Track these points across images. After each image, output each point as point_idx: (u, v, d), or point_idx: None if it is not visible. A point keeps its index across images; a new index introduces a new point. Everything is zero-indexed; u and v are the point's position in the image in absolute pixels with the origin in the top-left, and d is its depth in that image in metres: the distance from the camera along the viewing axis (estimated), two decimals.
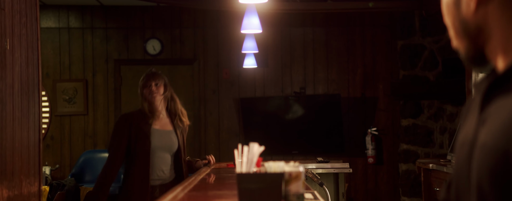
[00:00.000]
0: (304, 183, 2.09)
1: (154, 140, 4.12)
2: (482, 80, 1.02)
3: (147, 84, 4.24)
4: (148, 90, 4.21)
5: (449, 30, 1.07)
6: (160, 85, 4.25)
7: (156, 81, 4.24)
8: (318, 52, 7.77)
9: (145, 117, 4.15)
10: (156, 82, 4.24)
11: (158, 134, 4.16)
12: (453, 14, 1.04)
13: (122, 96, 7.58)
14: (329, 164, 4.87)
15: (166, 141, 4.17)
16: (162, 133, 4.18)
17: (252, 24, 3.56)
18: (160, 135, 4.17)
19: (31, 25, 3.10)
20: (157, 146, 4.12)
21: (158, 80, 4.25)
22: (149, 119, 4.14)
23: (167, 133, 4.20)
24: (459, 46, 1.06)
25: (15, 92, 2.87)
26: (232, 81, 7.69)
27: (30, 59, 3.08)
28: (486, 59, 1.02)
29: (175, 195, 2.44)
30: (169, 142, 4.18)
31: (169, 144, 4.19)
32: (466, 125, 1.04)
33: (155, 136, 4.14)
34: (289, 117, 7.54)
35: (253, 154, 2.11)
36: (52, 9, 7.55)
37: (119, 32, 7.66)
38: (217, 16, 7.60)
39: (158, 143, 4.13)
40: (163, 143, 4.15)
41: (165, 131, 4.20)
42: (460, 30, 1.03)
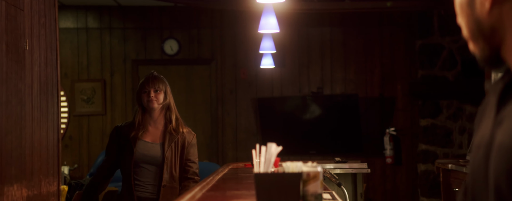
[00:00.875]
0: (322, 183, 2.08)
1: (138, 152, 3.83)
2: (497, 82, 1.01)
3: (146, 89, 3.88)
4: (146, 96, 3.87)
5: (463, 31, 1.05)
6: (160, 92, 3.89)
7: (156, 87, 3.88)
8: (336, 52, 7.74)
9: (136, 128, 3.86)
10: (156, 88, 3.88)
11: (144, 146, 3.86)
12: (467, 14, 1.03)
13: None
14: (347, 164, 4.85)
15: (151, 153, 3.85)
16: (148, 145, 3.87)
17: (270, 24, 3.55)
18: (146, 147, 3.86)
19: (50, 25, 3.12)
20: (140, 158, 3.83)
21: (159, 86, 3.89)
22: (139, 131, 3.84)
23: (154, 146, 3.87)
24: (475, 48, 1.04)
25: (34, 93, 2.88)
26: (249, 81, 7.69)
27: (49, 59, 3.10)
28: (502, 60, 1.00)
29: (193, 195, 2.44)
30: (153, 155, 3.85)
31: (151, 156, 3.84)
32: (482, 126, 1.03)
33: (140, 148, 3.85)
34: (306, 117, 7.53)
35: (271, 154, 2.10)
36: (70, 9, 7.60)
37: (136, 33, 7.69)
38: (235, 16, 7.60)
39: (140, 155, 3.83)
40: (146, 156, 3.85)
41: (152, 143, 3.88)
42: (474, 30, 1.02)
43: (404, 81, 7.68)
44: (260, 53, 5.27)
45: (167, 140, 3.84)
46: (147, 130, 3.88)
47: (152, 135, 3.88)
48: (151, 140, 3.87)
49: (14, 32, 2.65)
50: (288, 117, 7.54)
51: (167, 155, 3.81)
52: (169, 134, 3.85)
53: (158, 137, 3.89)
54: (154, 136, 3.88)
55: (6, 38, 2.55)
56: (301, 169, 2.06)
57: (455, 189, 4.92)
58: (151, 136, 3.88)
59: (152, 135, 3.88)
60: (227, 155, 7.68)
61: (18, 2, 2.69)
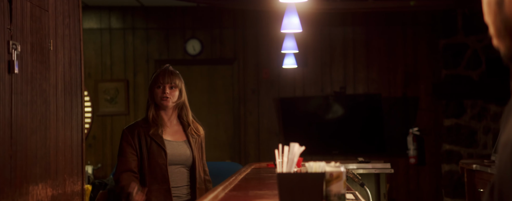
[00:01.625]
0: (345, 183, 2.07)
1: (168, 151, 3.50)
2: None
3: (160, 83, 3.56)
4: (160, 91, 3.55)
5: (490, 29, 1.05)
6: (175, 89, 3.58)
7: (172, 83, 3.56)
8: (358, 51, 7.71)
9: (153, 126, 3.53)
10: (172, 83, 3.56)
11: (170, 145, 3.54)
12: (495, 12, 1.02)
13: None
14: (370, 164, 4.83)
15: (180, 152, 3.54)
16: (174, 144, 3.56)
17: (292, 24, 3.55)
18: (173, 146, 3.55)
19: (74, 26, 3.14)
20: (172, 159, 3.51)
21: (175, 82, 3.57)
22: (158, 128, 3.51)
23: (180, 144, 3.58)
24: (500, 45, 1.04)
25: (59, 93, 2.91)
26: (272, 81, 7.69)
27: (73, 59, 3.12)
28: None
29: (215, 194, 2.45)
30: (183, 154, 3.55)
31: (184, 156, 3.55)
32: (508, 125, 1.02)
33: (169, 148, 3.52)
34: (329, 117, 7.51)
35: (293, 154, 2.09)
36: (94, 10, 7.65)
37: (159, 33, 7.72)
38: (257, 16, 7.60)
39: (172, 155, 3.51)
40: (177, 156, 3.53)
41: (178, 142, 3.58)
42: (502, 29, 1.01)
43: (428, 81, 7.63)
44: (282, 53, 5.27)
45: (190, 138, 3.58)
46: (164, 127, 3.57)
47: (172, 133, 3.59)
48: (172, 138, 3.57)
49: (39, 32, 2.67)
50: (310, 116, 7.52)
51: (195, 154, 3.57)
52: (190, 135, 3.59)
53: (178, 135, 3.59)
54: (174, 134, 3.58)
55: (31, 38, 2.57)
56: (324, 169, 2.05)
57: (480, 189, 4.87)
58: (171, 134, 3.58)
59: (172, 133, 3.59)
60: (249, 155, 7.68)
61: (43, 3, 2.72)
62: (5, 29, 2.32)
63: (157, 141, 3.49)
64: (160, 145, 3.48)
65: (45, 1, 2.74)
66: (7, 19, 2.34)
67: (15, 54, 2.37)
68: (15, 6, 2.40)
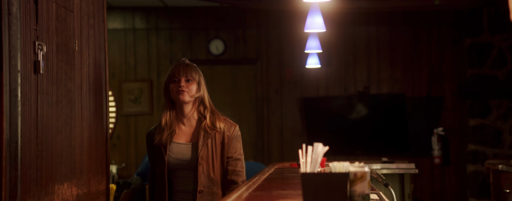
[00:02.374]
0: (369, 184, 2.06)
1: (170, 156, 3.22)
2: None
3: (175, 77, 3.23)
4: (175, 86, 3.22)
5: None
6: (193, 82, 3.23)
7: (189, 76, 3.22)
8: (382, 51, 7.67)
9: (164, 129, 3.24)
10: (188, 77, 3.23)
11: (178, 149, 3.24)
12: None
13: None
14: (394, 165, 4.80)
15: (184, 156, 3.22)
16: (183, 147, 3.25)
17: (316, 24, 3.54)
18: (180, 150, 3.24)
19: (99, 26, 3.16)
20: (175, 163, 3.22)
21: (192, 75, 3.22)
22: (169, 131, 3.22)
23: (189, 146, 3.24)
24: None
25: (84, 93, 2.93)
26: (295, 81, 7.68)
27: (97, 60, 3.14)
28: None
29: (239, 194, 2.45)
30: (187, 157, 3.22)
31: (187, 159, 3.22)
32: None
33: (173, 152, 3.23)
34: (352, 117, 7.48)
35: (317, 154, 2.09)
36: (118, 10, 7.70)
37: (183, 33, 7.75)
38: (280, 15, 7.60)
39: (173, 160, 3.22)
40: (180, 159, 3.23)
41: (186, 144, 3.25)
42: None
43: (453, 81, 7.57)
44: (305, 52, 5.25)
45: (201, 137, 3.21)
46: (179, 129, 3.26)
47: (186, 135, 3.26)
48: (185, 141, 3.26)
49: (64, 33, 2.69)
50: (334, 116, 7.50)
51: (202, 154, 3.18)
52: (203, 131, 3.21)
53: (192, 135, 3.26)
54: (188, 136, 3.26)
55: (57, 39, 2.60)
56: (348, 169, 2.04)
57: (505, 190, 4.81)
58: (185, 135, 3.26)
59: (186, 135, 3.26)
60: (272, 155, 7.68)
61: (68, 3, 2.74)
62: (31, 30, 2.34)
63: (162, 147, 3.21)
64: (162, 151, 3.21)
65: (70, 2, 2.76)
66: (33, 20, 2.36)
67: (41, 55, 2.39)
68: (41, 7, 2.43)
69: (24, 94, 2.25)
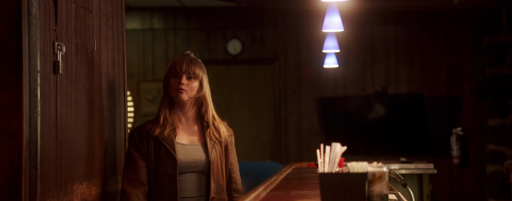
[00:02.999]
0: (388, 184, 2.05)
1: (179, 157, 2.90)
2: None
3: (176, 72, 2.93)
4: (175, 82, 2.93)
5: None
6: (195, 80, 2.94)
7: (191, 73, 2.93)
8: (400, 50, 7.64)
9: (164, 125, 2.93)
10: (191, 74, 2.93)
11: (183, 150, 2.94)
12: None
13: None
14: (412, 165, 4.78)
15: (194, 157, 2.93)
16: (189, 148, 2.95)
17: (334, 23, 3.53)
18: (187, 151, 2.94)
19: (117, 27, 3.18)
20: (184, 166, 2.91)
21: (195, 72, 2.93)
22: (169, 129, 2.91)
23: (195, 148, 2.96)
24: None
25: (102, 93, 2.95)
26: (312, 81, 7.67)
27: (116, 60, 3.16)
28: None
29: (257, 194, 2.45)
30: (197, 159, 2.93)
31: (199, 162, 2.94)
32: None
33: (181, 153, 2.92)
34: (370, 117, 7.46)
35: (335, 154, 2.08)
36: (136, 11, 7.74)
37: (200, 33, 7.77)
38: (298, 15, 7.59)
39: (184, 162, 2.91)
40: (191, 162, 2.93)
41: (193, 146, 2.96)
42: None
43: (472, 80, 7.52)
44: (323, 52, 5.24)
45: (208, 140, 2.95)
46: (178, 128, 2.96)
47: (187, 134, 2.98)
48: (188, 141, 2.96)
49: (83, 33, 2.71)
50: (351, 116, 7.48)
51: (213, 159, 2.93)
52: (208, 135, 2.96)
53: (195, 136, 2.98)
54: (189, 136, 2.98)
55: (76, 39, 2.61)
56: (366, 169, 2.04)
57: None
58: (186, 135, 2.98)
59: (187, 134, 2.98)
60: (290, 155, 7.68)
61: (87, 4, 2.76)
62: (51, 30, 2.36)
63: (167, 145, 2.89)
64: (170, 150, 2.88)
65: (89, 2, 2.78)
66: (53, 21, 2.38)
67: (60, 55, 2.41)
68: (60, 7, 2.44)
69: (43, 95, 2.26)
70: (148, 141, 2.90)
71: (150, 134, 2.90)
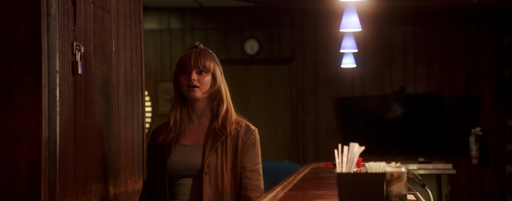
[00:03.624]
0: (406, 184, 2.04)
1: (173, 160, 2.64)
2: None
3: (186, 68, 2.65)
4: (186, 79, 2.64)
5: None
6: (207, 74, 2.65)
7: (201, 66, 2.64)
8: (419, 50, 7.60)
9: (171, 127, 2.68)
10: (201, 67, 2.64)
11: (181, 151, 2.66)
12: None
13: None
14: (431, 165, 4.75)
15: (188, 160, 2.64)
16: (187, 149, 2.66)
17: (351, 23, 3.52)
18: (184, 153, 2.66)
19: (135, 27, 3.19)
20: (176, 168, 2.64)
21: (205, 65, 2.64)
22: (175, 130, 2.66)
23: (194, 149, 2.66)
24: None
25: (120, 93, 2.96)
26: (330, 81, 7.65)
27: (134, 60, 3.17)
28: None
29: (274, 194, 2.44)
30: (191, 162, 2.64)
31: (190, 164, 2.64)
32: None
33: (177, 154, 2.66)
34: (388, 117, 7.43)
35: (353, 154, 2.07)
36: (154, 11, 7.77)
37: (218, 33, 7.79)
38: (315, 15, 7.58)
39: (175, 164, 2.64)
40: (182, 164, 2.64)
41: (192, 147, 2.67)
42: None
43: (491, 80, 7.46)
44: (340, 52, 5.23)
45: (209, 140, 2.63)
46: (189, 128, 2.68)
47: (195, 135, 2.69)
48: (192, 142, 2.68)
49: (101, 33, 2.72)
50: (369, 116, 7.46)
51: (210, 161, 2.60)
52: (212, 133, 2.64)
53: (201, 136, 2.68)
54: (197, 136, 2.68)
55: (94, 39, 2.63)
56: (384, 169, 2.02)
57: None
58: (194, 136, 2.69)
59: (195, 135, 2.69)
60: (307, 155, 7.67)
61: (106, 4, 2.77)
62: (69, 30, 2.37)
63: (165, 147, 2.65)
64: (165, 153, 2.64)
65: (107, 2, 2.79)
66: (71, 21, 2.39)
67: (79, 55, 2.42)
68: (79, 8, 2.46)
69: (62, 95, 2.28)
70: (154, 143, 2.72)
71: (161, 136, 2.68)
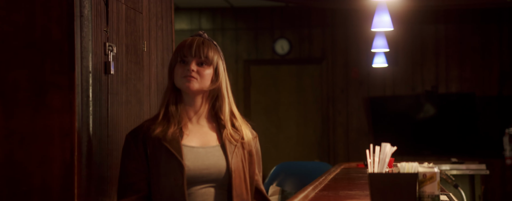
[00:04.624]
0: (439, 185, 2.02)
1: (189, 164, 2.20)
2: None
3: (184, 56, 2.25)
4: (182, 69, 2.25)
5: None
6: (208, 67, 2.27)
7: (203, 57, 2.25)
8: (451, 49, 7.52)
9: (167, 123, 2.23)
10: (202, 57, 2.25)
11: (193, 154, 2.22)
12: None
13: (252, 97, 7.70)
14: (464, 165, 4.70)
15: (206, 163, 2.21)
16: (200, 152, 2.23)
17: (383, 22, 3.50)
18: (197, 155, 2.22)
19: (166, 27, 3.21)
20: (195, 175, 2.19)
21: (207, 56, 2.27)
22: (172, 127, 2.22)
23: (209, 151, 2.24)
24: None
25: (152, 93, 2.98)
26: (361, 80, 7.61)
27: (165, 60, 3.19)
28: None
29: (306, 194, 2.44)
30: (212, 165, 2.22)
31: (211, 168, 2.21)
32: None
33: (189, 158, 2.21)
34: (420, 116, 7.36)
35: (385, 154, 2.06)
36: (184, 11, 7.81)
37: (248, 33, 7.80)
38: (346, 14, 7.54)
39: (194, 170, 2.20)
40: (204, 169, 2.21)
41: (205, 149, 2.25)
42: None
43: None
44: (371, 51, 5.20)
45: (227, 142, 2.26)
46: (186, 127, 2.26)
47: (198, 135, 2.27)
48: (199, 143, 2.25)
49: (133, 34, 2.74)
50: (400, 116, 7.40)
51: (235, 167, 2.23)
52: (226, 135, 2.27)
53: (209, 137, 2.28)
54: (201, 136, 2.27)
55: (126, 40, 2.65)
56: (417, 169, 2.01)
57: None
58: (197, 136, 2.27)
59: (198, 135, 2.27)
60: (338, 155, 7.64)
61: (137, 5, 2.79)
62: (102, 31, 2.40)
63: (170, 147, 2.19)
64: (174, 154, 2.18)
65: (139, 3, 2.81)
66: (104, 22, 2.42)
67: (111, 56, 2.44)
68: (111, 9, 2.48)
69: (95, 95, 2.30)
70: (145, 144, 2.22)
71: (148, 134, 2.22)
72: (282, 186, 4.52)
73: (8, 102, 2.17)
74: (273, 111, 7.64)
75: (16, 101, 2.17)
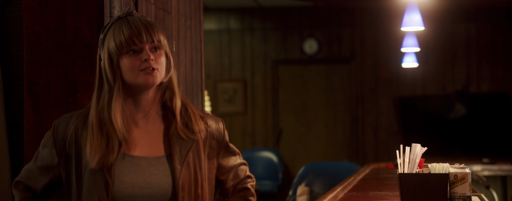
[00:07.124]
0: (470, 185, 1.99)
1: (123, 180, 1.78)
2: None
3: (132, 44, 1.76)
4: (136, 60, 1.77)
5: None
6: (160, 52, 1.80)
7: (156, 41, 1.79)
8: (483, 48, 7.42)
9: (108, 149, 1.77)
10: (156, 41, 1.79)
11: (133, 166, 1.80)
12: None
13: (280, 96, 7.69)
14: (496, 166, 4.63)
15: (148, 181, 1.79)
16: (142, 164, 1.80)
17: (413, 21, 3.46)
18: (138, 168, 1.80)
19: (195, 27, 3.22)
20: (131, 193, 1.78)
21: (159, 37, 1.80)
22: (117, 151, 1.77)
23: (152, 164, 1.81)
24: None
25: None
26: (390, 80, 7.55)
27: (194, 60, 3.20)
28: None
29: (335, 195, 2.43)
30: (154, 183, 1.79)
31: (153, 187, 1.79)
32: None
33: (128, 171, 1.79)
34: (451, 117, 7.28)
35: (415, 154, 2.04)
36: (213, 11, 7.83)
37: (277, 33, 7.79)
38: (376, 13, 7.49)
39: (133, 188, 1.78)
40: (141, 187, 1.78)
41: (148, 160, 1.81)
42: None
43: None
44: (401, 51, 5.16)
45: (176, 149, 1.82)
46: (132, 133, 1.81)
47: (143, 141, 1.83)
48: (145, 152, 1.82)
49: None
50: (431, 116, 7.33)
51: (183, 180, 1.81)
52: (176, 138, 1.82)
53: (155, 144, 1.84)
54: (147, 143, 1.83)
55: None
56: (448, 170, 1.99)
57: None
58: (143, 144, 1.83)
59: (143, 141, 1.83)
60: (367, 155, 7.59)
61: (167, 5, 2.81)
62: None
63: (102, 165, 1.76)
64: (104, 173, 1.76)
65: (168, 4, 2.83)
66: None
67: None
68: (141, 9, 2.50)
69: None
70: (77, 142, 1.81)
71: (77, 135, 1.81)
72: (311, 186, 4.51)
73: (39, 102, 2.20)
74: (302, 111, 7.62)
75: (47, 101, 2.20)
